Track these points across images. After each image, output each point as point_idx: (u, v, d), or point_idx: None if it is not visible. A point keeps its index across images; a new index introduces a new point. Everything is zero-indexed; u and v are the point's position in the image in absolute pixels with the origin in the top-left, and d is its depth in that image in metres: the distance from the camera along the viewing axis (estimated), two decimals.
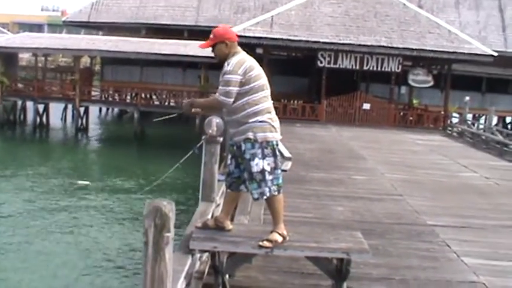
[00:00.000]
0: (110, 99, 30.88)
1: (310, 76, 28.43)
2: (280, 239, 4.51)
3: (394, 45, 23.27)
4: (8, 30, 49.06)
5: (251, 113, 4.52)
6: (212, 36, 4.65)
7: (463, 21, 33.66)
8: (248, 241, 4.54)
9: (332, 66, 23.79)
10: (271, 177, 4.53)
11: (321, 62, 23.83)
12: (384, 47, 23.24)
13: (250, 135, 4.50)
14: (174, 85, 29.94)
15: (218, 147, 6.28)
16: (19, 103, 31.23)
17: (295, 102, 26.27)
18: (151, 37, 30.85)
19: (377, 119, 24.11)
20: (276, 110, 4.76)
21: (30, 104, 30.62)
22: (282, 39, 23.00)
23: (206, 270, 5.13)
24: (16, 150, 24.76)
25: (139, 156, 25.57)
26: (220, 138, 6.26)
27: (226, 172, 4.86)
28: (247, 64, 4.55)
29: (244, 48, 4.90)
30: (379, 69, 24.21)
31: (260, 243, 4.45)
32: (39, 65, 32.39)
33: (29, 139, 29.64)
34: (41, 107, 30.17)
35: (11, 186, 18.09)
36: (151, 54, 27.26)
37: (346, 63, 23.90)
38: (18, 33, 42.00)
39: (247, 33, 22.06)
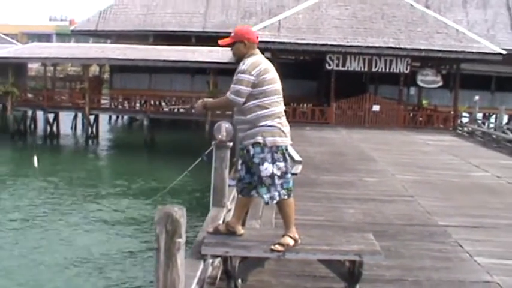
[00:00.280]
0: (120, 107, 30.86)
1: (318, 79, 28.43)
2: (292, 243, 4.51)
3: (402, 46, 23.23)
4: (17, 41, 49.34)
5: (261, 116, 4.50)
6: (233, 34, 4.68)
7: (471, 20, 33.50)
8: (260, 245, 4.54)
9: (340, 68, 23.80)
10: (281, 181, 4.53)
11: (329, 65, 23.84)
12: (392, 48, 23.20)
13: (260, 139, 4.49)
14: (183, 91, 29.94)
15: (228, 152, 6.29)
16: (29, 113, 31.39)
17: (305, 105, 26.24)
18: (159, 44, 30.85)
19: (387, 121, 24.06)
20: (286, 114, 4.74)
21: (40, 114, 30.87)
22: (289, 43, 23.04)
23: (218, 276, 5.13)
24: (28, 160, 24.85)
25: (149, 162, 25.61)
26: (230, 143, 6.27)
27: (237, 177, 4.85)
28: (262, 66, 4.55)
29: None
30: (388, 70, 24.17)
31: (272, 247, 4.45)
32: (48, 74, 32.58)
33: (40, 148, 29.74)
34: (51, 116, 30.35)
35: (23, 193, 18.21)
36: (159, 61, 27.23)
37: (354, 66, 23.91)
38: (27, 43, 42.27)
39: None
